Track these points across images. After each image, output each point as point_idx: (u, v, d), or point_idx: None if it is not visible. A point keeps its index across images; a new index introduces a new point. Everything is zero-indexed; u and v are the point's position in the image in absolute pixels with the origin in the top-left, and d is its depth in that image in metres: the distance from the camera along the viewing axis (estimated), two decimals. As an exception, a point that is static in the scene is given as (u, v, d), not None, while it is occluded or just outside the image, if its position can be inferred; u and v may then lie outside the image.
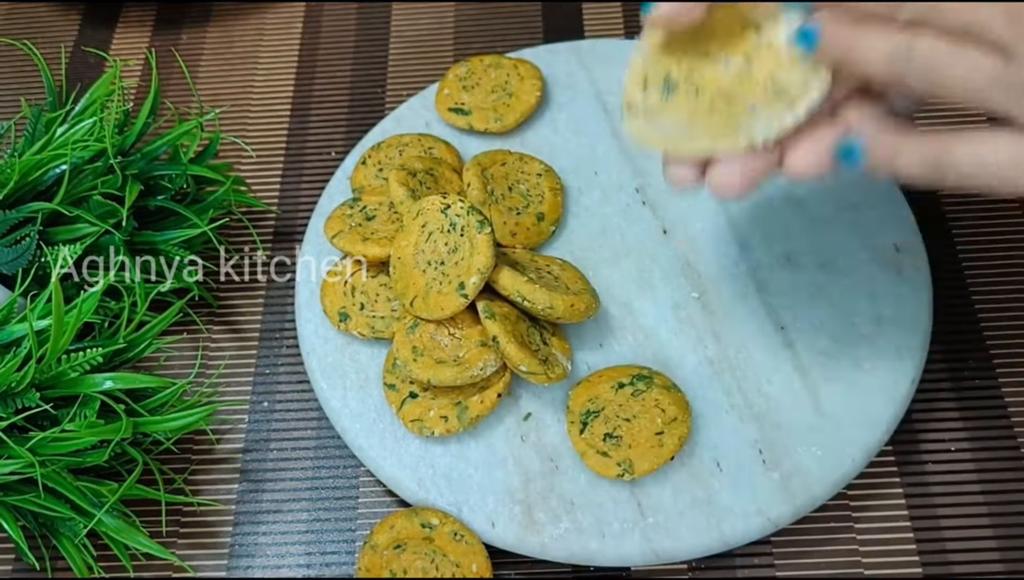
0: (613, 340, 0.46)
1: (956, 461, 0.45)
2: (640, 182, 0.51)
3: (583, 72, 0.56)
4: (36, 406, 0.41)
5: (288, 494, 0.47)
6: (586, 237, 0.50)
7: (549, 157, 0.52)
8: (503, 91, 0.54)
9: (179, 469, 0.47)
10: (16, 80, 0.64)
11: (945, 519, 0.44)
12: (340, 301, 0.47)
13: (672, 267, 0.48)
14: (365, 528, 0.45)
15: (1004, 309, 0.50)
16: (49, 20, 0.67)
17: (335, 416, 0.46)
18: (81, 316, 0.43)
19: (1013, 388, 0.47)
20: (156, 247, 0.49)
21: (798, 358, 0.45)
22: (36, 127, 0.50)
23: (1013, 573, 0.42)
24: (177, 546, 0.45)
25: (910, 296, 0.46)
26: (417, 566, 0.41)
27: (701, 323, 0.46)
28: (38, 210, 0.46)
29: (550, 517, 0.42)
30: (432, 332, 0.44)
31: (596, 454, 0.42)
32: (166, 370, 0.50)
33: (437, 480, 0.43)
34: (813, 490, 0.42)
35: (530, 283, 0.43)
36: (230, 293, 0.53)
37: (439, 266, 0.44)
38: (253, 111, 0.61)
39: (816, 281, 0.47)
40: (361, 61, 0.63)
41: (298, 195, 0.57)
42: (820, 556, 0.43)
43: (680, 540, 0.41)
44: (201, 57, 0.64)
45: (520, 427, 0.44)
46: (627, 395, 0.43)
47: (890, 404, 0.44)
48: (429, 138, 0.53)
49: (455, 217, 0.44)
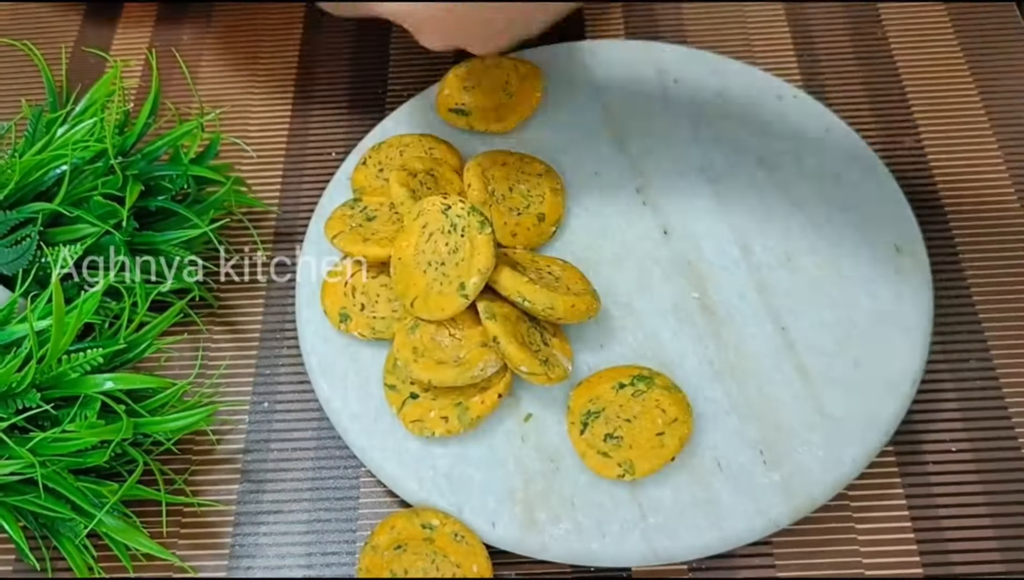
0: (614, 341, 0.46)
1: (957, 461, 0.45)
2: (640, 182, 0.51)
3: (583, 72, 0.56)
4: (37, 406, 0.41)
5: (289, 494, 0.47)
6: (587, 237, 0.50)
7: (549, 157, 0.52)
8: (503, 91, 0.54)
9: (180, 469, 0.47)
10: (16, 80, 0.64)
11: (946, 519, 0.44)
12: (340, 301, 0.47)
13: (672, 267, 0.48)
14: (365, 528, 0.45)
15: (1004, 309, 0.50)
16: (49, 20, 0.67)
17: (336, 416, 0.46)
18: (81, 317, 0.43)
19: (1013, 388, 0.47)
20: (156, 247, 0.49)
21: (798, 358, 0.45)
22: (36, 127, 0.50)
23: (1014, 573, 0.42)
24: (178, 546, 0.45)
25: (910, 296, 0.46)
26: (418, 567, 0.41)
27: (701, 323, 0.46)
28: (38, 210, 0.46)
29: (550, 517, 0.42)
30: (433, 333, 0.44)
31: (597, 454, 0.42)
32: (166, 371, 0.50)
33: (438, 480, 0.43)
34: (813, 490, 0.42)
35: (531, 284, 0.43)
36: (230, 293, 0.53)
37: (440, 267, 0.44)
38: (253, 111, 0.61)
39: (816, 281, 0.47)
40: (361, 61, 0.63)
41: (298, 195, 0.57)
42: (821, 556, 0.43)
43: (680, 540, 0.41)
44: (201, 57, 0.64)
45: (521, 428, 0.44)
46: (628, 396, 0.43)
47: (890, 404, 0.44)
48: (429, 138, 0.53)
49: (456, 218, 0.44)
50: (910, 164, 0.55)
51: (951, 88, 0.58)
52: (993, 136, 0.56)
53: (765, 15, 0.63)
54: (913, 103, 0.58)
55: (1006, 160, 0.55)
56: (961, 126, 0.57)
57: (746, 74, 0.55)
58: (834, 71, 0.60)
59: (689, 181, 0.51)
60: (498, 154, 0.51)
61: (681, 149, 0.52)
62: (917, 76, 0.59)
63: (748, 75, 0.55)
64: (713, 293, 0.47)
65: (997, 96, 0.58)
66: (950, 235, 0.52)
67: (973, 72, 0.59)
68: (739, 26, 0.62)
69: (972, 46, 0.60)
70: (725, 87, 0.54)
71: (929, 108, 0.57)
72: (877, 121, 0.57)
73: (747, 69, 0.55)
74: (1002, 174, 0.54)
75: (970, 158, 0.55)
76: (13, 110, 0.62)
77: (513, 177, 0.50)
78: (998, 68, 0.59)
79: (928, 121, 0.57)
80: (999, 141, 0.56)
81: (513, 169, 0.51)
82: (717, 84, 0.55)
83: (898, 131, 0.57)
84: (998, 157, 0.55)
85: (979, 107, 0.57)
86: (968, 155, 0.55)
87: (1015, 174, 0.54)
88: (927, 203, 0.54)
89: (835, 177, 0.51)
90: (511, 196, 0.49)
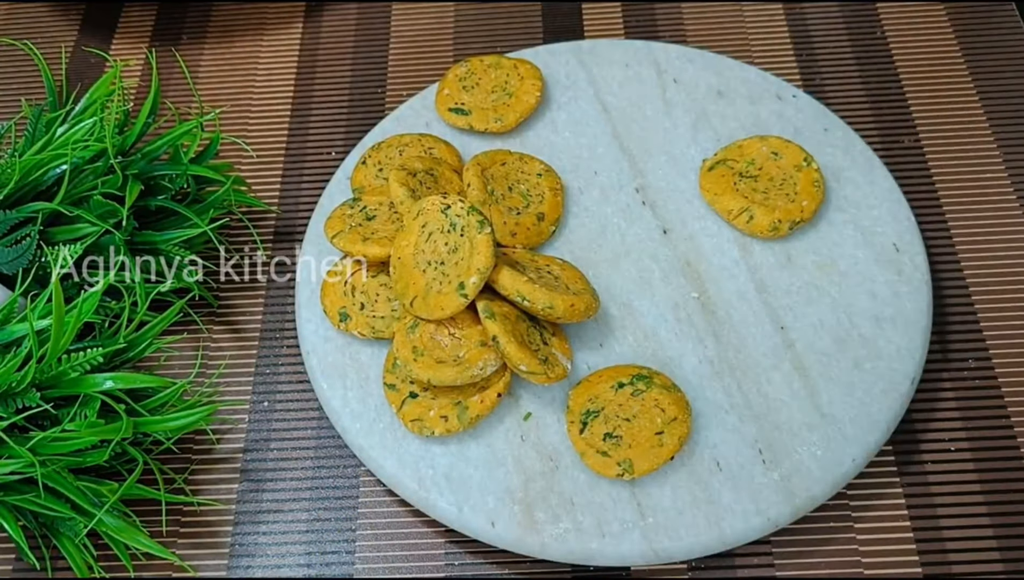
0: (613, 340, 0.46)
1: (956, 461, 0.45)
2: (640, 182, 0.51)
3: (583, 72, 0.56)
4: (37, 406, 0.41)
5: (288, 494, 0.47)
6: (586, 237, 0.50)
7: (549, 157, 0.52)
8: (503, 91, 0.54)
9: (179, 469, 0.47)
10: (16, 80, 0.64)
11: (945, 519, 0.44)
12: (340, 301, 0.47)
13: (672, 267, 0.48)
14: (365, 528, 0.45)
15: (1004, 309, 0.50)
16: (49, 20, 0.67)
17: (335, 416, 0.46)
18: (81, 316, 0.43)
19: (1013, 388, 0.47)
20: (156, 247, 0.49)
21: (798, 358, 0.45)
22: (36, 127, 0.50)
23: (1013, 573, 0.42)
24: (177, 546, 0.46)
25: (910, 296, 0.46)
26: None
27: (701, 323, 0.47)
28: (38, 210, 0.46)
29: (550, 517, 0.42)
30: (432, 332, 0.44)
31: (596, 454, 0.42)
32: (166, 370, 0.50)
33: (437, 480, 0.43)
34: (813, 490, 0.42)
35: (530, 283, 0.43)
36: (230, 293, 0.53)
37: (439, 266, 0.44)
38: (253, 111, 0.61)
39: (816, 281, 0.47)
40: (361, 61, 0.63)
41: (298, 195, 0.57)
42: (820, 556, 0.43)
43: (680, 540, 0.41)
44: (201, 57, 0.64)
45: (520, 427, 0.44)
46: (627, 395, 0.43)
47: (890, 404, 0.44)
48: (429, 138, 0.53)
49: (455, 217, 0.44)
50: (909, 164, 0.55)
51: (950, 88, 0.58)
52: (992, 136, 0.56)
53: (764, 15, 0.63)
54: (912, 103, 0.58)
55: (1005, 160, 0.55)
56: (960, 126, 0.57)
57: (745, 73, 0.55)
58: (833, 71, 0.60)
59: (689, 181, 0.51)
60: (498, 154, 0.51)
61: (681, 149, 0.52)
62: (916, 76, 0.59)
63: (747, 74, 0.55)
64: (713, 293, 0.47)
65: (995, 96, 0.58)
66: (949, 235, 0.52)
67: (972, 72, 0.59)
68: (738, 26, 0.62)
69: (971, 46, 0.60)
70: (725, 87, 0.54)
71: (928, 108, 0.57)
72: (876, 121, 0.57)
73: (746, 68, 0.55)
74: (1001, 174, 0.54)
75: (969, 158, 0.55)
76: (13, 110, 0.62)
77: (512, 177, 0.50)
78: (997, 68, 0.59)
79: (927, 121, 0.57)
80: (998, 141, 0.56)
81: (512, 169, 0.51)
82: (717, 84, 0.55)
83: (897, 131, 0.57)
84: (997, 157, 0.55)
85: (978, 107, 0.57)
86: (967, 155, 0.55)
87: (1014, 174, 0.54)
88: (926, 203, 0.54)
89: (834, 177, 0.51)
90: (510, 196, 0.50)
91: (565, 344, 0.45)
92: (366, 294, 0.47)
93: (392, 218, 0.49)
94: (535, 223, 0.49)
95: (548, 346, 0.44)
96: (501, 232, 0.48)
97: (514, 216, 0.49)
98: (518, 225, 0.49)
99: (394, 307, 0.47)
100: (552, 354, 0.44)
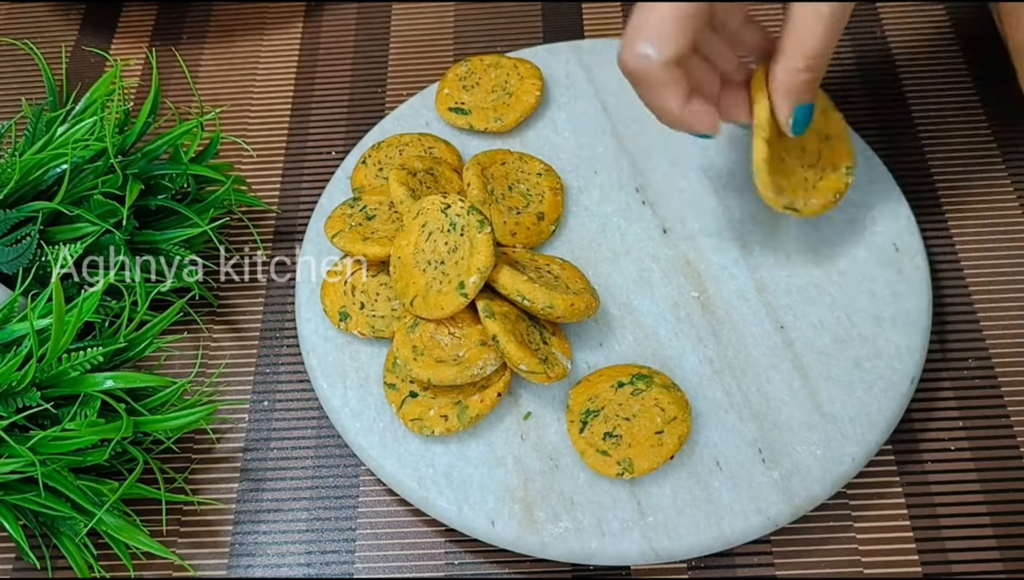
0: (613, 339, 0.46)
1: (956, 460, 0.45)
2: (640, 182, 0.51)
3: (583, 72, 0.56)
4: (37, 405, 0.41)
5: (288, 493, 0.47)
6: (586, 236, 0.50)
7: (549, 157, 0.52)
8: (503, 91, 0.54)
9: (179, 468, 0.47)
10: (17, 80, 0.64)
11: (945, 519, 0.44)
12: (340, 300, 0.47)
13: (672, 267, 0.48)
14: (365, 527, 0.45)
15: (1004, 309, 0.50)
16: (49, 20, 0.67)
17: (335, 415, 0.46)
18: (82, 315, 0.43)
19: (1013, 388, 0.47)
20: (156, 247, 0.49)
21: (798, 358, 0.45)
22: (37, 126, 0.50)
23: (1013, 573, 0.42)
24: (177, 545, 0.46)
25: (909, 296, 0.46)
26: None
27: (701, 323, 0.47)
28: (39, 209, 0.46)
29: (550, 516, 0.42)
30: (432, 331, 0.44)
31: (596, 453, 0.42)
32: (166, 369, 0.50)
33: (437, 479, 0.43)
34: (813, 489, 0.42)
35: (530, 282, 0.43)
36: (230, 293, 0.53)
37: (439, 265, 0.44)
38: (253, 111, 0.61)
39: (816, 281, 0.47)
40: (361, 61, 0.63)
41: (298, 195, 0.57)
42: (820, 555, 0.43)
43: (680, 539, 0.41)
44: (201, 57, 0.64)
45: (520, 426, 0.44)
46: (627, 394, 0.43)
47: (890, 404, 0.44)
48: (429, 137, 0.53)
49: (455, 217, 0.44)
50: (909, 164, 0.55)
51: (950, 88, 0.58)
52: (992, 136, 0.56)
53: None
54: (912, 103, 0.58)
55: (1005, 160, 0.55)
56: (960, 126, 0.57)
57: (745, 74, 0.55)
58: (833, 71, 0.60)
59: (689, 181, 0.51)
60: (497, 153, 0.51)
61: (681, 149, 0.52)
62: (916, 76, 0.59)
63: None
64: (712, 292, 0.47)
65: (996, 95, 0.58)
66: (949, 235, 0.52)
67: (972, 71, 0.59)
68: (738, 26, 0.62)
69: (971, 46, 0.60)
70: (724, 87, 0.54)
71: (928, 108, 0.57)
72: (876, 121, 0.57)
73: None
74: (1001, 174, 0.54)
75: (969, 158, 0.55)
76: (13, 109, 0.62)
77: (512, 176, 0.50)
78: (997, 67, 0.59)
79: (927, 121, 0.57)
80: (998, 141, 0.56)
81: (512, 168, 0.51)
82: (716, 84, 0.55)
83: (897, 131, 0.57)
84: (997, 157, 0.55)
85: (978, 106, 0.57)
86: (967, 155, 0.55)
87: (1014, 174, 0.54)
88: (926, 203, 0.54)
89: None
90: (510, 195, 0.50)
91: (565, 343, 0.45)
92: (366, 294, 0.47)
93: (392, 218, 0.49)
94: (535, 222, 0.49)
95: (548, 345, 0.44)
96: (501, 232, 0.48)
97: (514, 216, 0.49)
98: (518, 225, 0.49)
99: (394, 306, 0.47)
100: (552, 353, 0.44)
